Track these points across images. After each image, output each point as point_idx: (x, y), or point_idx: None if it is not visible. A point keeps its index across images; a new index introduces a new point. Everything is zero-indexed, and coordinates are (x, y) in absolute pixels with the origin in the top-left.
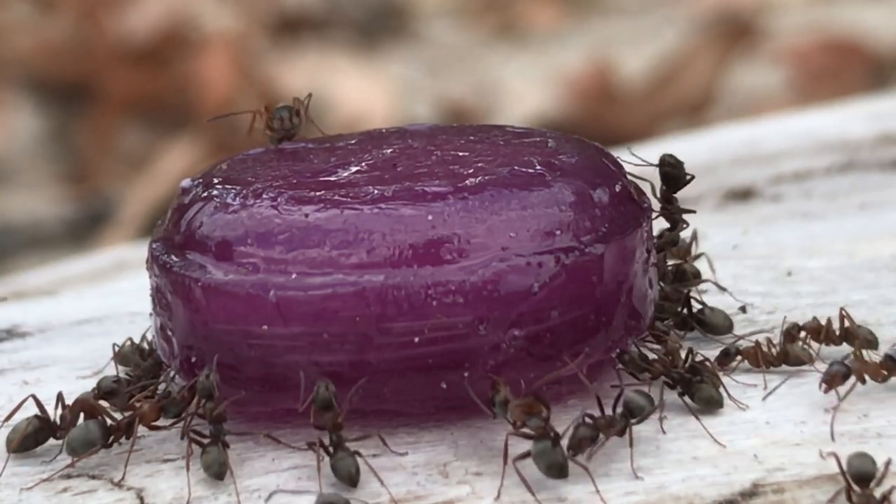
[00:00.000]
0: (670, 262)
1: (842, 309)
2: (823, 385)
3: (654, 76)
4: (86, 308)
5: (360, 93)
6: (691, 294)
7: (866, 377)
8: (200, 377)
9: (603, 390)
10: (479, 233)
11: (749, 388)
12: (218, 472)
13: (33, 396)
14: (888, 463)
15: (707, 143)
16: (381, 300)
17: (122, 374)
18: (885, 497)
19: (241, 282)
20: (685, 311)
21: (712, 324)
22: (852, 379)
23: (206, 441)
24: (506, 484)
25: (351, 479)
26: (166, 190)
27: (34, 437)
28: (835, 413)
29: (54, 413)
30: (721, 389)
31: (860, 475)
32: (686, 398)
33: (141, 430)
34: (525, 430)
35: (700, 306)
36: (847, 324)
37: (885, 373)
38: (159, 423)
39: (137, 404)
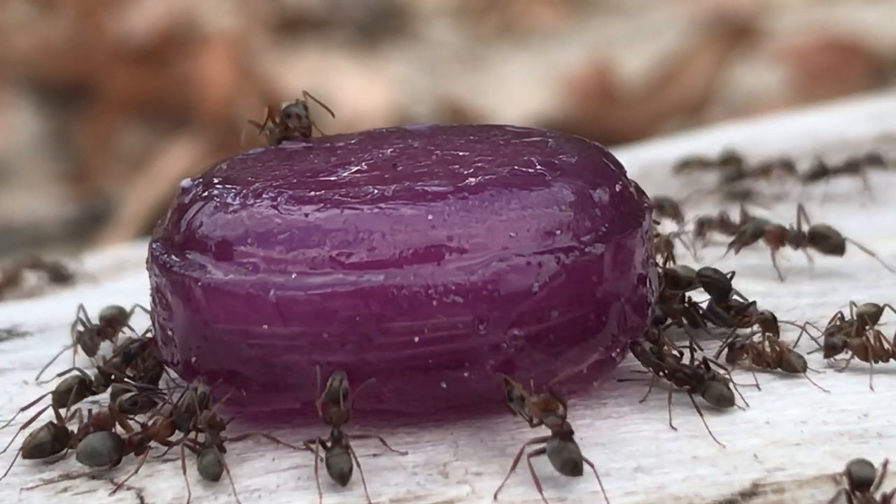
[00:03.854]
0: (666, 267)
1: None
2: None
3: (654, 76)
4: (86, 308)
5: (360, 93)
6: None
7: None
8: (188, 391)
9: (604, 390)
10: (479, 232)
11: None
12: (214, 474)
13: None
14: (886, 464)
15: (707, 143)
16: (381, 300)
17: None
18: (886, 499)
19: (241, 282)
20: (694, 308)
21: (725, 318)
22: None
23: (201, 447)
24: (506, 483)
25: (342, 477)
26: (166, 190)
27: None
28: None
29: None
30: (731, 387)
31: (860, 481)
32: (692, 395)
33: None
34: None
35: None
36: None
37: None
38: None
39: (150, 422)
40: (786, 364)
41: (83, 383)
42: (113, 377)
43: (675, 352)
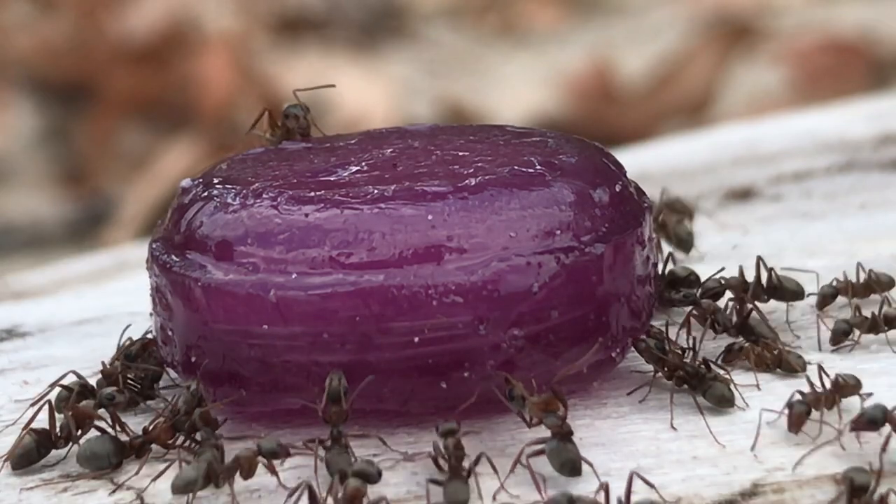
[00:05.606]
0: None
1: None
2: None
3: (654, 76)
4: (86, 308)
5: (360, 93)
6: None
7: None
8: (183, 391)
9: (604, 390)
10: (478, 232)
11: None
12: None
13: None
14: (880, 469)
15: (707, 143)
16: (381, 300)
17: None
18: (882, 500)
19: (241, 282)
20: (755, 287)
21: (790, 290)
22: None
23: (198, 446)
24: (505, 484)
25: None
26: (166, 190)
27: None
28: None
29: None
30: (732, 388)
31: (856, 487)
32: (694, 395)
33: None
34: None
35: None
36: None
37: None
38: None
39: (150, 427)
40: (785, 364)
41: (84, 388)
42: (115, 380)
43: (677, 350)
